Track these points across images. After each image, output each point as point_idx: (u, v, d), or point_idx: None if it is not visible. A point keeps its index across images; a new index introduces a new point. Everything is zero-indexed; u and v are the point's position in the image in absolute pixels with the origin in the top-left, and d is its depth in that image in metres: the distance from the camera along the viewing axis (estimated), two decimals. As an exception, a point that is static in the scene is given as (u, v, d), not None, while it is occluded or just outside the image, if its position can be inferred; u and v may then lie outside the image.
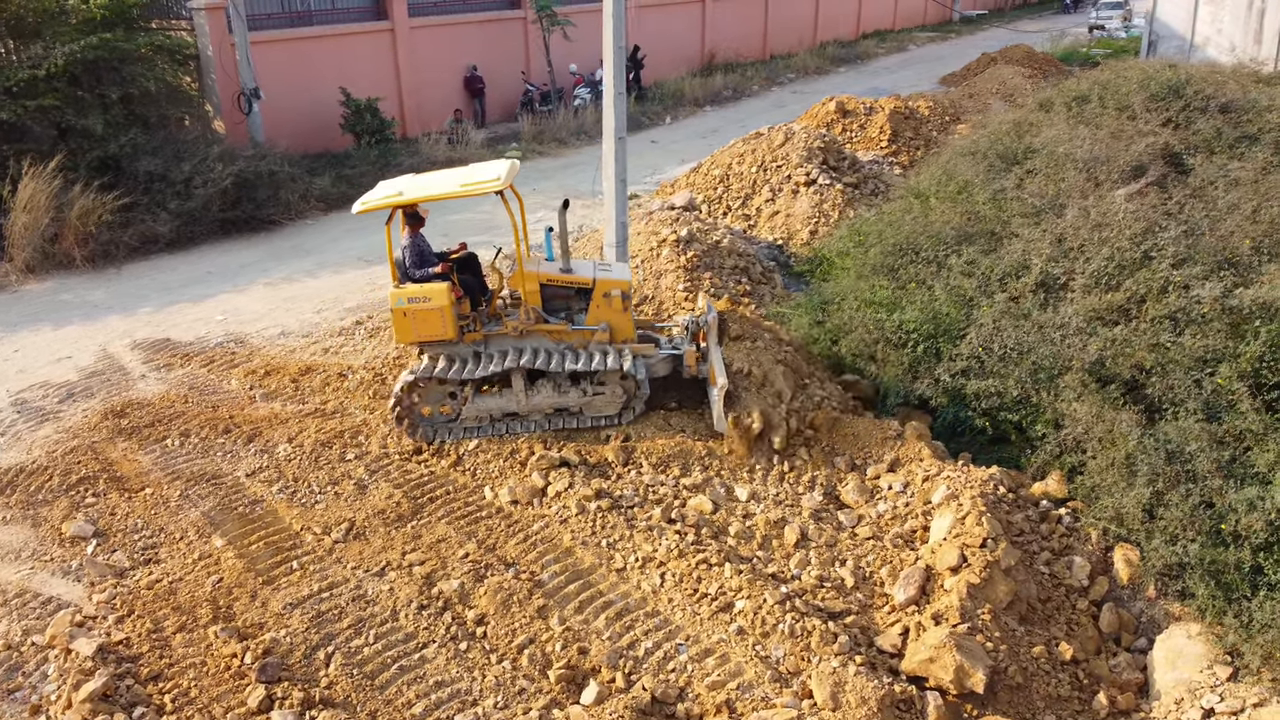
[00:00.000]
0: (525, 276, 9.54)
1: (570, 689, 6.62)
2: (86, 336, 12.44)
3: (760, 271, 14.22)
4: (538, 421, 9.59)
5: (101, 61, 16.31)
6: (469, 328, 9.55)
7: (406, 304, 9.22)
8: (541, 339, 9.65)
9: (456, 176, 9.66)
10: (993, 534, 7.51)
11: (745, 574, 7.41)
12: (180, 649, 6.96)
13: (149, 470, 9.28)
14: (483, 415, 9.57)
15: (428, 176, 10.00)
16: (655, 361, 9.79)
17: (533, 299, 9.59)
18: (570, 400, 9.55)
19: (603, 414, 9.62)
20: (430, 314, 9.21)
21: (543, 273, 9.66)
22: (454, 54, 24.04)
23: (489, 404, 9.56)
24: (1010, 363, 9.17)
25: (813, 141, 17.19)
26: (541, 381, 9.54)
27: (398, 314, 9.26)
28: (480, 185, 9.09)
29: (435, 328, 9.27)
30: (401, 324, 9.30)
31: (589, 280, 9.68)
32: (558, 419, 9.63)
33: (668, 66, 30.00)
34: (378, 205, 9.24)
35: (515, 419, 9.63)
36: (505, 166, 9.63)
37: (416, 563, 7.80)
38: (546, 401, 9.55)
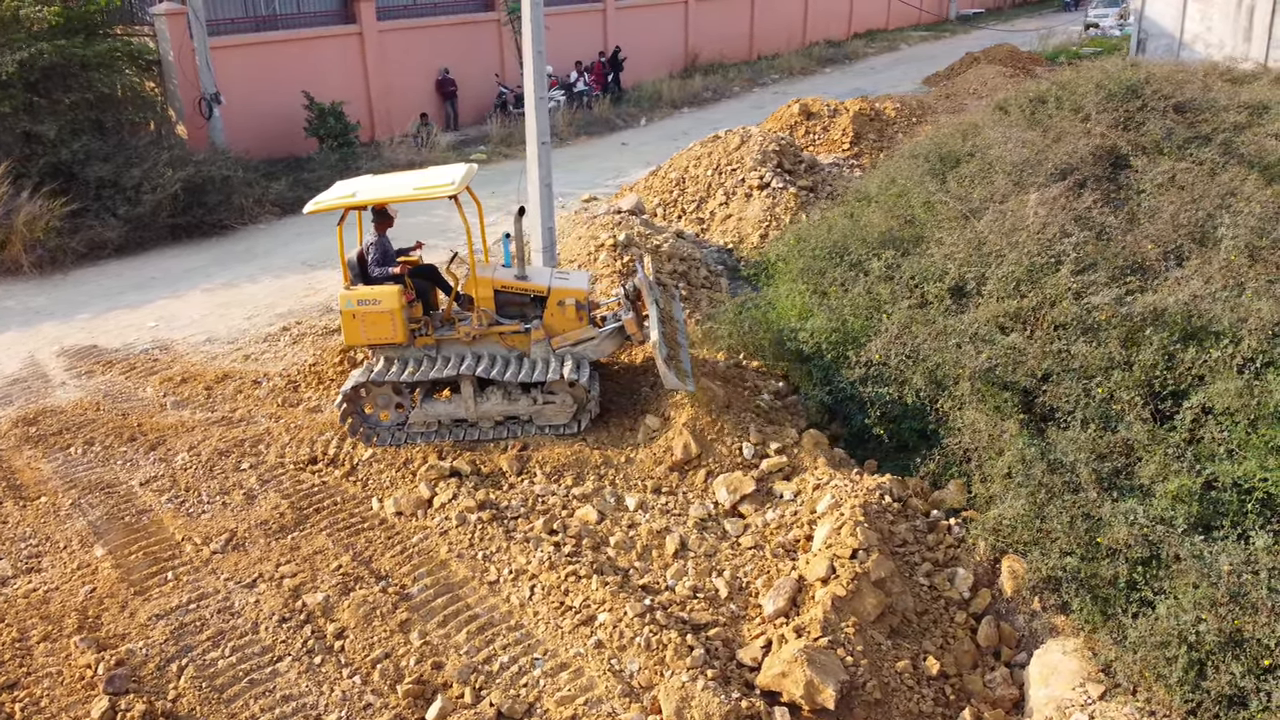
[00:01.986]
0: (479, 282, 9.44)
1: (417, 704, 6.55)
2: (18, 343, 12.50)
3: (704, 276, 14.12)
4: (485, 429, 9.50)
5: (58, 68, 16.40)
6: (421, 332, 9.45)
7: (356, 305, 9.14)
8: (495, 346, 9.57)
9: (411, 180, 9.61)
10: (864, 545, 7.38)
11: (611, 586, 7.32)
12: (40, 658, 6.95)
13: (48, 479, 9.30)
14: (431, 421, 9.48)
15: (383, 179, 9.98)
16: (600, 342, 9.65)
17: (486, 304, 9.50)
18: (520, 409, 9.44)
19: (553, 423, 9.50)
20: (380, 316, 9.12)
21: (498, 279, 9.59)
22: (425, 57, 24.05)
23: (438, 410, 9.48)
24: (909, 370, 9.04)
25: (768, 145, 17.07)
26: (491, 389, 9.44)
27: (347, 315, 9.19)
28: (434, 189, 9.03)
29: (384, 330, 9.19)
30: (350, 325, 9.22)
31: (544, 288, 9.59)
32: (507, 427, 9.52)
33: (649, 68, 29.94)
34: (330, 206, 9.22)
35: (465, 426, 9.53)
36: (461, 171, 9.58)
37: (288, 575, 7.76)
38: (496, 409, 9.44)
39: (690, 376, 9.41)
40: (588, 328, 9.66)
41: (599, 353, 9.71)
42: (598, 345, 9.67)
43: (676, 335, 10.03)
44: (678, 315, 10.57)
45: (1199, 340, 7.89)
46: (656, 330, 9.17)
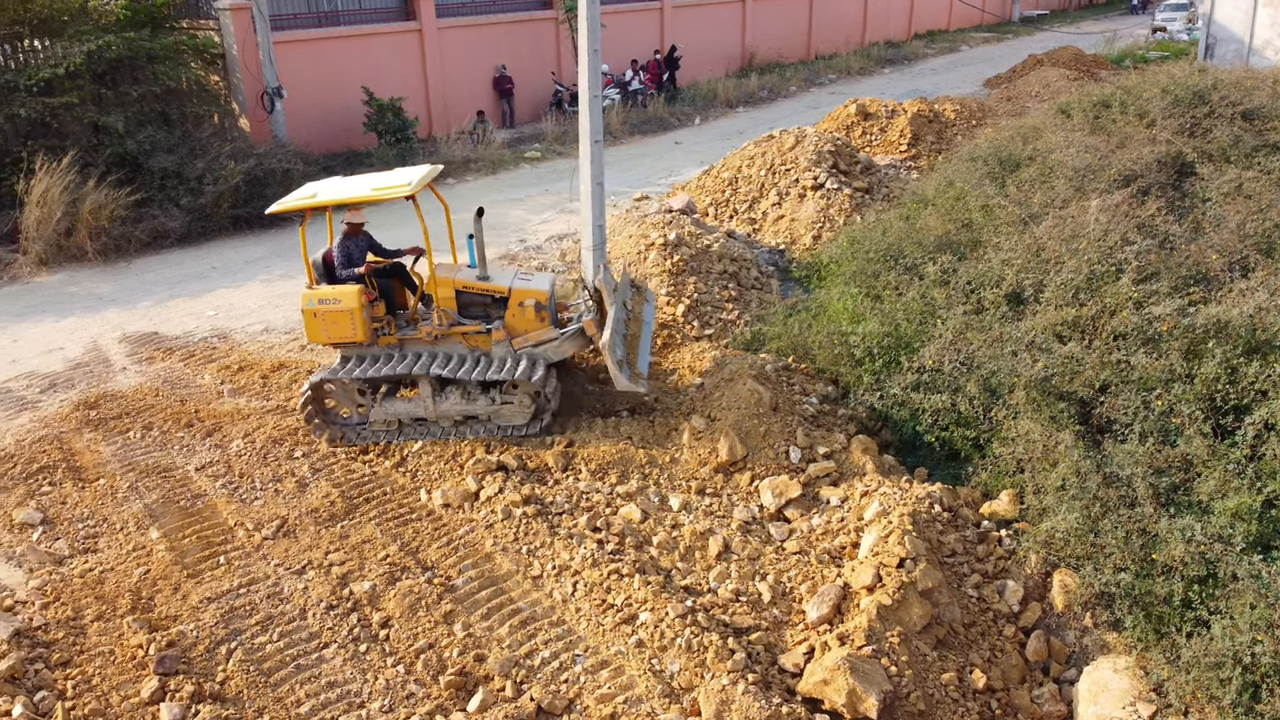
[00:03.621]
0: (440, 282, 9.57)
1: (459, 695, 6.61)
2: (82, 329, 12.85)
3: (754, 277, 14.04)
4: (445, 429, 9.59)
5: (125, 60, 16.85)
6: (384, 331, 9.58)
7: (317, 305, 9.30)
8: (457, 345, 9.65)
9: (370, 181, 9.67)
10: (912, 554, 7.28)
11: (653, 586, 7.31)
12: (94, 637, 7.13)
13: (107, 461, 9.54)
14: (391, 419, 9.59)
15: (345, 180, 10.06)
16: (560, 343, 9.67)
17: (448, 304, 9.60)
18: (478, 408, 9.50)
19: (511, 423, 9.55)
20: (340, 315, 9.27)
21: (459, 279, 9.67)
22: (483, 54, 24.25)
23: (397, 408, 9.58)
24: (963, 377, 8.89)
25: (823, 145, 16.90)
26: (450, 388, 9.52)
27: (308, 314, 9.35)
28: (390, 190, 9.09)
29: (345, 329, 9.33)
30: (312, 324, 9.38)
31: (505, 289, 9.65)
32: (466, 427, 9.61)
33: (705, 66, 29.86)
34: (292, 207, 9.37)
35: (424, 424, 9.65)
36: (421, 172, 9.63)
37: (337, 563, 7.87)
38: (454, 409, 9.52)
39: (644, 379, 9.44)
40: (549, 329, 9.67)
41: (559, 354, 9.69)
42: (558, 346, 9.66)
43: (640, 337, 10.02)
44: (648, 317, 10.56)
45: (1263, 354, 7.65)
46: (609, 332, 9.15)
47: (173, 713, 6.35)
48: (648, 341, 10.13)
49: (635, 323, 10.23)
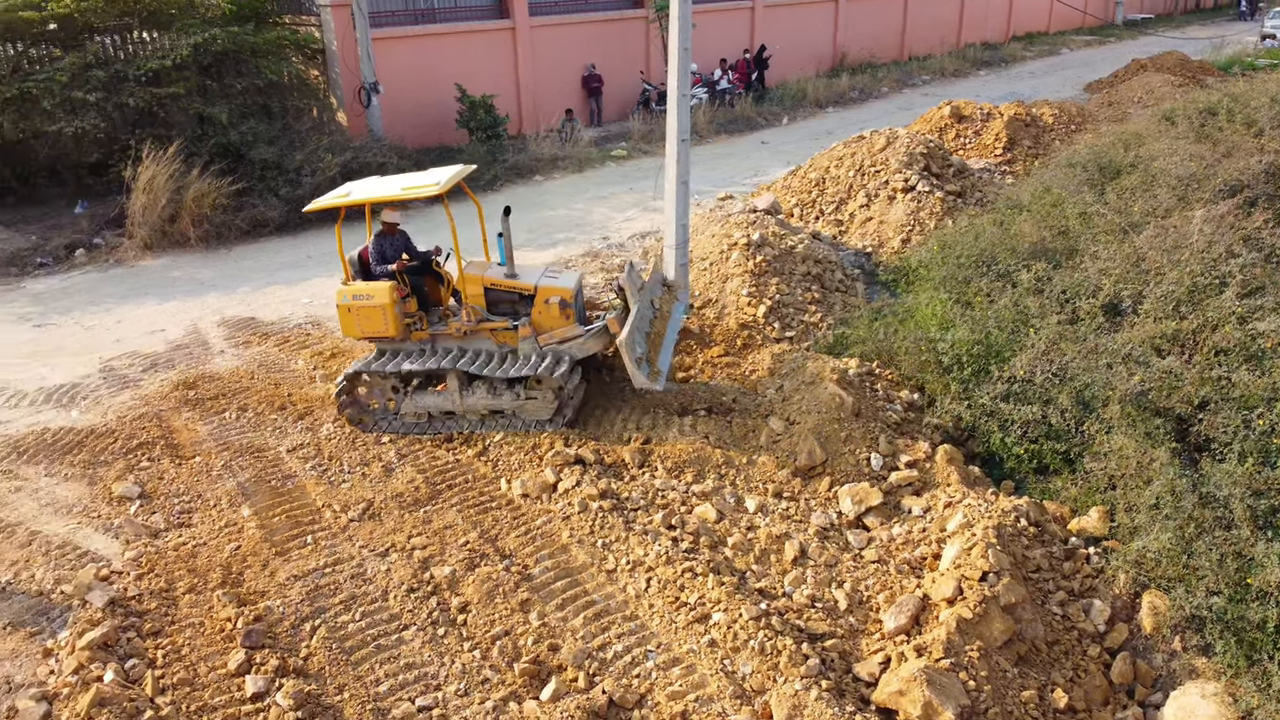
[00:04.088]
0: (469, 280, 9.78)
1: (532, 684, 6.69)
2: (183, 312, 13.39)
3: (839, 279, 13.86)
4: (473, 422, 9.78)
5: (229, 53, 17.49)
6: (415, 326, 9.81)
7: (351, 300, 9.59)
8: (485, 341, 9.84)
9: (401, 180, 9.92)
10: (995, 568, 7.11)
11: (727, 586, 7.28)
12: (185, 609, 7.42)
13: (203, 440, 9.92)
14: (421, 412, 9.84)
15: (378, 180, 10.33)
16: (585, 340, 9.73)
17: (475, 301, 9.81)
18: (504, 403, 9.67)
19: (535, 418, 9.68)
20: (373, 311, 9.56)
21: (488, 277, 9.86)
22: (573, 53, 24.47)
23: (427, 401, 9.82)
24: (1055, 388, 8.65)
25: (915, 147, 16.61)
26: (477, 383, 9.71)
27: (342, 310, 9.65)
28: (419, 189, 9.31)
29: (377, 324, 9.60)
30: (346, 319, 9.68)
31: (531, 286, 9.80)
32: (492, 421, 9.78)
33: (795, 66, 29.60)
34: (327, 205, 9.66)
35: (453, 418, 9.86)
36: (450, 172, 9.81)
37: (419, 547, 8.04)
38: (481, 403, 9.71)
39: (662, 376, 9.46)
40: (573, 326, 9.78)
41: (584, 350, 9.77)
42: (582, 343, 9.75)
43: (665, 335, 10.06)
44: (676, 316, 10.63)
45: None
46: (629, 330, 9.19)
47: (257, 685, 6.57)
48: (672, 340, 10.20)
49: (661, 321, 10.29)
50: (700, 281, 12.99)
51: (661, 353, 9.79)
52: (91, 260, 15.66)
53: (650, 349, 9.66)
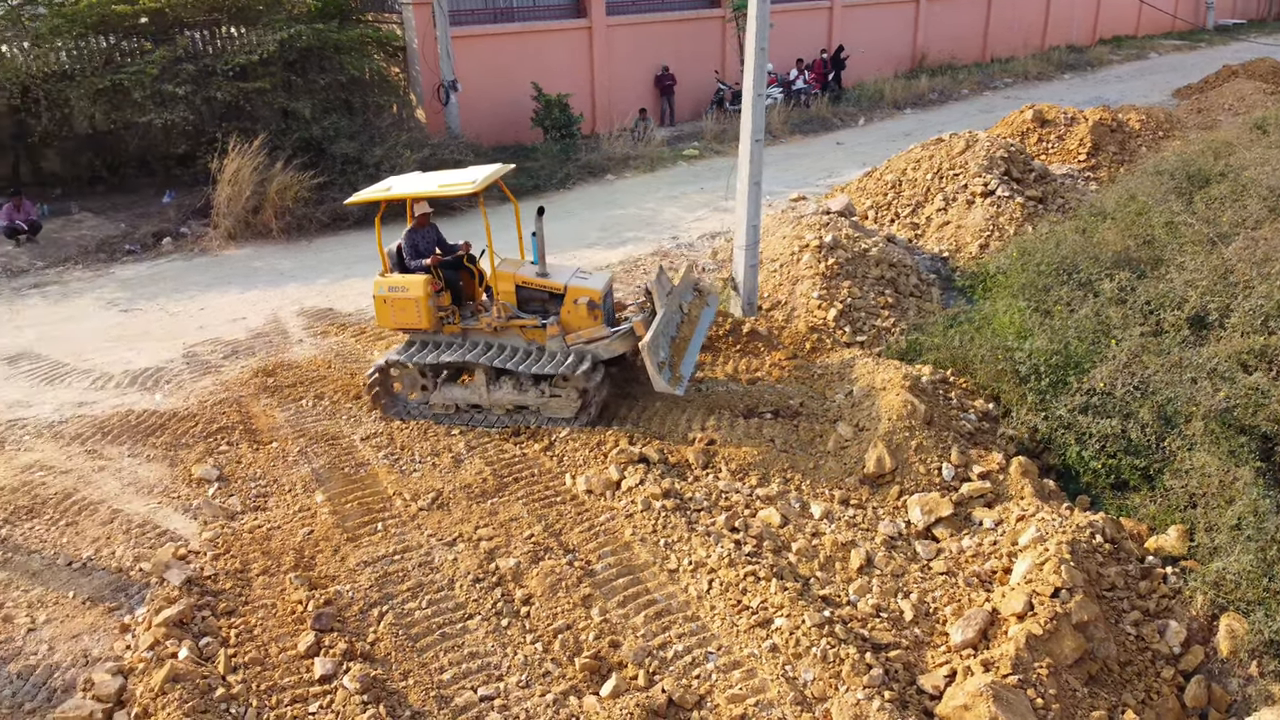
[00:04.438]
0: (500, 277, 9.96)
1: (593, 679, 6.73)
2: (264, 301, 13.76)
3: (914, 284, 13.64)
4: (499, 416, 9.96)
5: (313, 50, 17.93)
6: (448, 320, 10.03)
7: (387, 291, 9.86)
8: (515, 338, 10.00)
9: (438, 178, 10.13)
10: (1068, 584, 6.93)
11: (790, 592, 7.22)
12: (258, 590, 7.62)
13: (280, 426, 10.18)
14: (449, 404, 10.06)
15: (417, 175, 10.54)
16: (611, 341, 9.80)
17: (507, 298, 9.99)
18: (529, 399, 9.83)
19: (558, 416, 9.82)
20: (407, 303, 9.81)
21: (519, 275, 10.02)
22: (648, 52, 24.51)
23: (455, 394, 10.03)
24: (1135, 402, 8.39)
25: (995, 150, 16.26)
26: (504, 378, 9.88)
27: (378, 300, 9.92)
28: (456, 187, 9.51)
29: (410, 316, 9.86)
30: (381, 310, 9.95)
31: (560, 286, 9.93)
32: (517, 416, 9.95)
33: (872, 66, 29.22)
34: (368, 199, 9.97)
35: (479, 411, 10.05)
36: (486, 171, 9.95)
37: (485, 538, 8.14)
38: (507, 398, 9.89)
39: (684, 381, 9.48)
40: (601, 327, 9.87)
41: (609, 351, 9.81)
42: (609, 344, 9.81)
43: (691, 339, 10.10)
44: (704, 321, 10.68)
45: None
46: (652, 333, 9.24)
47: (325, 667, 6.72)
48: (698, 345, 10.24)
49: (689, 326, 10.32)
50: (769, 283, 12.90)
51: (685, 358, 9.86)
52: (178, 249, 16.19)
53: (675, 354, 9.73)
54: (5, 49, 17.33)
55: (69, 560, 7.96)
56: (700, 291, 11.11)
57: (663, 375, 9.19)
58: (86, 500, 8.78)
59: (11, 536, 8.24)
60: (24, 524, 8.42)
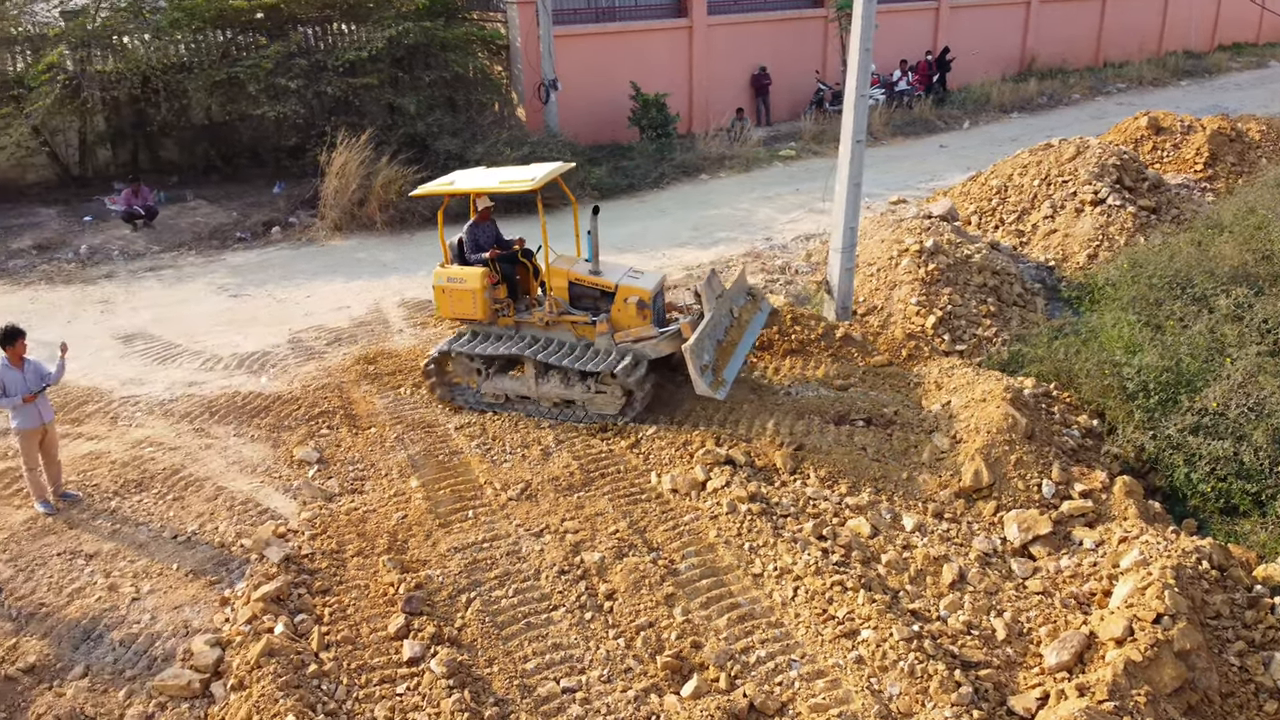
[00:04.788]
0: (554, 273, 10.20)
1: (673, 678, 6.72)
2: (367, 291, 14.15)
3: (1017, 293, 13.27)
4: (545, 409, 10.16)
5: (420, 47, 18.36)
6: (503, 312, 10.29)
7: (446, 282, 10.21)
8: (566, 333, 10.19)
9: (499, 174, 10.44)
10: (1171, 610, 6.64)
11: (879, 604, 7.09)
12: (353, 570, 7.85)
13: (379, 412, 10.46)
14: (499, 394, 10.34)
15: (480, 171, 10.98)
16: (658, 342, 9.85)
17: (560, 294, 10.21)
18: (575, 394, 9.99)
19: (602, 412, 9.96)
20: (464, 294, 10.12)
21: (572, 272, 10.19)
22: (747, 52, 24.37)
23: (505, 384, 10.31)
24: (1250, 424, 7.99)
25: (1107, 157, 15.69)
26: (552, 372, 10.07)
27: (438, 290, 10.30)
28: (514, 184, 9.73)
29: (467, 307, 10.17)
30: (441, 299, 10.32)
31: (612, 284, 10.04)
32: (564, 410, 10.13)
33: (980, 69, 28.48)
34: (432, 191, 10.39)
35: (527, 402, 10.27)
36: (546, 169, 10.11)
37: (571, 531, 8.21)
38: (554, 391, 10.07)
39: (726, 385, 9.44)
40: (649, 327, 9.94)
41: (657, 351, 9.86)
42: (656, 344, 9.86)
43: (739, 344, 10.09)
44: (755, 326, 10.64)
45: None
46: (696, 336, 9.28)
47: (413, 650, 6.87)
48: (745, 350, 10.21)
49: (738, 330, 10.30)
50: (865, 288, 12.71)
51: (731, 362, 9.86)
52: (286, 238, 16.78)
53: (720, 357, 9.73)
54: (127, 41, 18.22)
55: (174, 533, 8.32)
56: (754, 296, 11.12)
57: (704, 379, 9.22)
58: (193, 476, 9.16)
59: (121, 508, 8.66)
60: (133, 497, 8.85)
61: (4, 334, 8.20)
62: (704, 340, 9.42)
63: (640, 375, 9.77)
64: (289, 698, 6.26)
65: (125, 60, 17.74)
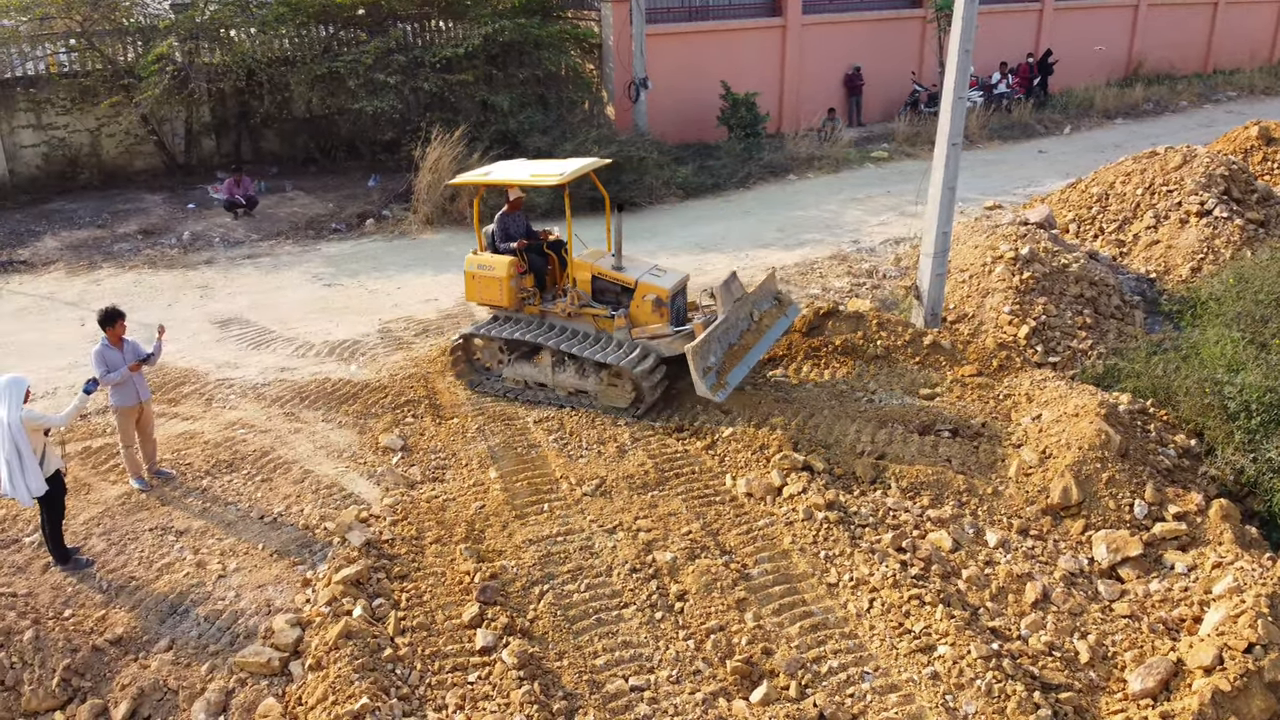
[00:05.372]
0: (578, 266, 10.53)
1: (742, 683, 6.66)
2: (456, 285, 14.31)
3: (1115, 305, 12.79)
4: (561, 398, 10.47)
5: (515, 45, 18.61)
6: (529, 301, 10.69)
7: (475, 269, 10.64)
8: (587, 325, 10.51)
9: (530, 167, 10.86)
10: (1264, 640, 6.33)
11: (957, 620, 6.91)
12: (430, 558, 7.99)
13: (462, 404, 10.64)
14: (519, 379, 10.72)
15: (514, 163, 11.35)
16: (672, 340, 10.05)
17: (583, 287, 10.53)
18: (589, 385, 10.29)
19: (614, 404, 10.17)
20: (491, 281, 10.55)
21: (596, 266, 10.48)
22: (841, 52, 24.06)
23: (526, 370, 10.66)
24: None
25: (1215, 167, 15.00)
26: (570, 362, 10.37)
27: (468, 276, 10.73)
28: (543, 178, 10.05)
29: (494, 294, 10.60)
30: (470, 285, 10.76)
31: (632, 280, 10.31)
32: (578, 399, 10.40)
33: (1083, 73, 27.61)
34: (467, 181, 10.91)
35: (545, 390, 10.61)
36: (576, 164, 10.48)
37: (644, 529, 8.21)
38: (570, 381, 10.40)
39: (727, 389, 9.53)
40: (665, 324, 10.18)
41: (670, 350, 10.04)
42: (669, 343, 10.06)
43: (752, 349, 10.15)
44: (775, 332, 10.67)
45: None
46: (702, 338, 9.39)
47: (486, 639, 6.95)
48: (758, 354, 10.26)
49: (755, 334, 10.30)
50: (956, 294, 12.41)
51: (738, 366, 9.90)
52: (379, 230, 17.20)
53: (729, 360, 9.78)
54: (234, 34, 18.90)
55: (261, 514, 8.60)
56: (780, 301, 11.09)
57: (705, 381, 9.32)
58: (281, 459, 9.45)
59: (212, 488, 8.99)
60: (224, 477, 9.17)
61: (105, 315, 8.51)
62: (711, 342, 9.52)
63: (650, 370, 9.95)
64: (364, 680, 6.40)
65: (231, 53, 18.42)
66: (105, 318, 8.51)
